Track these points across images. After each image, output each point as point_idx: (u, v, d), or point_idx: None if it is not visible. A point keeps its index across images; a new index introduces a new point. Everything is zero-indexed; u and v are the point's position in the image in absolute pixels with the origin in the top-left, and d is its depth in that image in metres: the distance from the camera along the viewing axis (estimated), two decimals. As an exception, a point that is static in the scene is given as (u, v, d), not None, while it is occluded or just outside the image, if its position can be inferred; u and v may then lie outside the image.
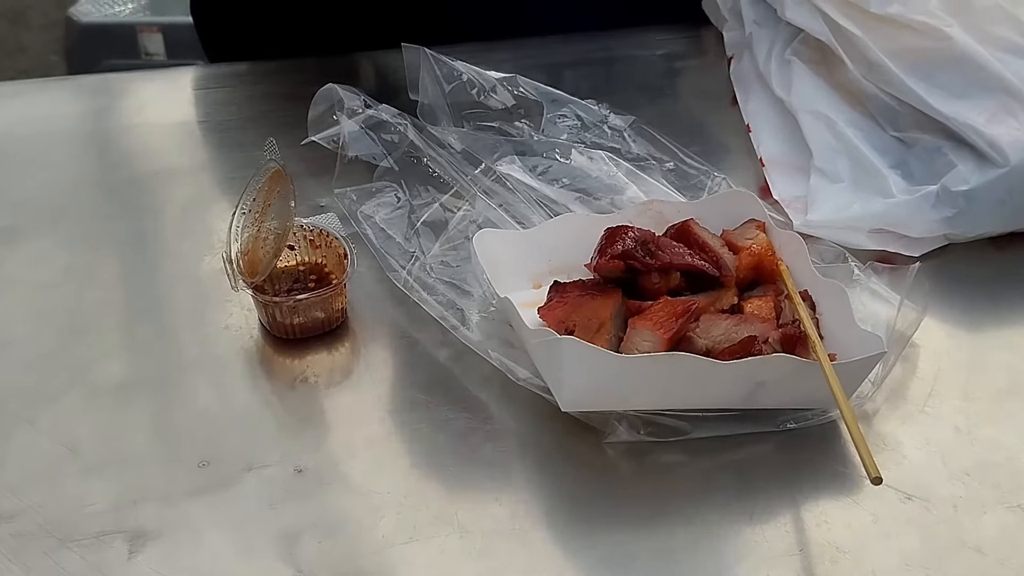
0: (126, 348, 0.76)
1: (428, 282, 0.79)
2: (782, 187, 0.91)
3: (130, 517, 0.64)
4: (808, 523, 0.64)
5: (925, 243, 0.85)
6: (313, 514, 0.64)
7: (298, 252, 0.81)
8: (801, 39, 0.99)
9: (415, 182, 0.88)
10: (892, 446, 0.69)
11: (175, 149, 0.99)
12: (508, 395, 0.72)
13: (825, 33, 0.94)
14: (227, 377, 0.74)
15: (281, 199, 0.77)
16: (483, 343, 0.74)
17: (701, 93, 1.11)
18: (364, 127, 0.90)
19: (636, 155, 0.93)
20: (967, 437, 0.70)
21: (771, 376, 0.67)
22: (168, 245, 0.87)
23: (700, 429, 0.69)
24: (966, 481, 0.67)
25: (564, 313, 0.73)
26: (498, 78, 0.96)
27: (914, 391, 0.73)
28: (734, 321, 0.71)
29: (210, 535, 0.63)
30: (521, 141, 0.93)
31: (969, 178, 0.83)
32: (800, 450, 0.69)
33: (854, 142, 0.90)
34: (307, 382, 0.74)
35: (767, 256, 0.77)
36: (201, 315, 0.79)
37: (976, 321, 0.81)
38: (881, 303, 0.77)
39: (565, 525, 0.65)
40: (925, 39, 0.90)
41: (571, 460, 0.68)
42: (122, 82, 1.15)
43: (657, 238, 0.76)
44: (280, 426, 0.71)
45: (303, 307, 0.76)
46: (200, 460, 0.68)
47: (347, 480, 0.67)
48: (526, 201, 0.87)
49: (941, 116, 0.87)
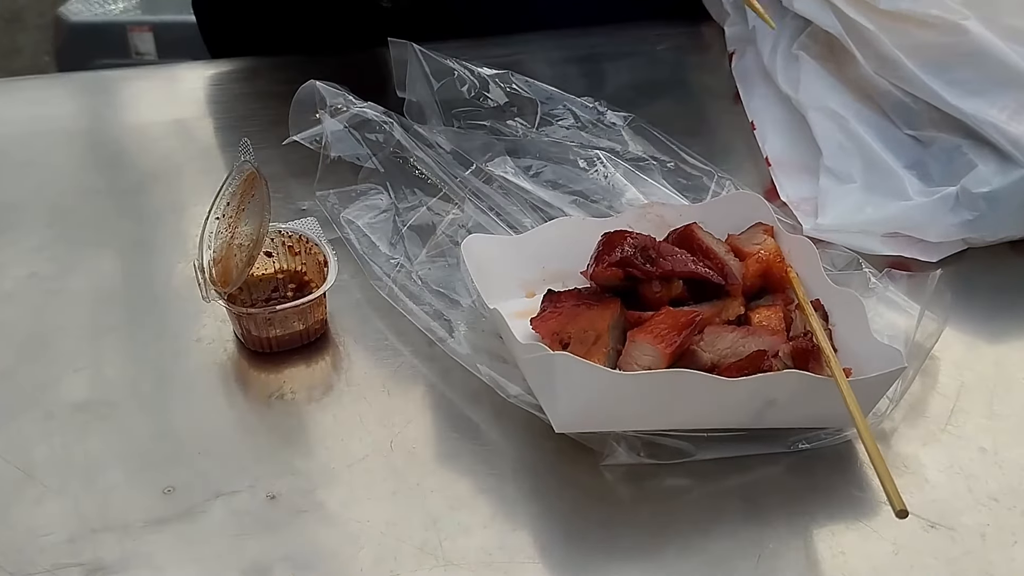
0: (89, 364, 0.72)
1: (414, 291, 0.75)
2: (790, 188, 0.88)
3: (87, 549, 0.60)
4: (823, 554, 0.60)
5: (943, 248, 0.81)
6: (285, 546, 0.60)
7: (276, 259, 0.77)
8: (809, 32, 0.95)
9: (401, 184, 0.83)
10: (913, 469, 0.65)
11: (153, 151, 0.95)
12: (498, 413, 0.68)
13: (835, 26, 0.90)
14: (197, 395, 0.70)
15: (256, 203, 0.72)
16: (472, 357, 0.69)
17: (702, 90, 1.07)
18: (348, 126, 0.86)
19: (635, 155, 0.90)
20: (994, 459, 0.66)
21: (782, 394, 0.62)
22: (139, 252, 0.83)
23: (705, 451, 0.65)
24: (994, 508, 0.63)
25: (558, 324, 0.69)
26: (490, 74, 0.92)
27: (935, 408, 0.69)
28: (741, 333, 0.67)
29: (172, 569, 0.59)
30: (514, 141, 0.89)
31: (991, 179, 0.80)
32: (813, 473, 0.65)
33: (867, 140, 0.86)
34: (284, 399, 0.70)
35: (776, 262, 0.73)
36: (171, 328, 0.75)
37: (999, 331, 0.76)
38: (898, 313, 0.73)
39: (560, 556, 0.61)
40: (940, 34, 0.86)
41: (566, 484, 0.64)
42: (107, 80, 1.10)
43: (658, 244, 0.71)
44: (253, 448, 0.67)
45: (280, 318, 0.72)
46: (165, 486, 0.63)
47: (323, 508, 0.62)
48: (519, 204, 0.83)
49: (959, 113, 0.83)
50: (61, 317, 0.76)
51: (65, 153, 0.95)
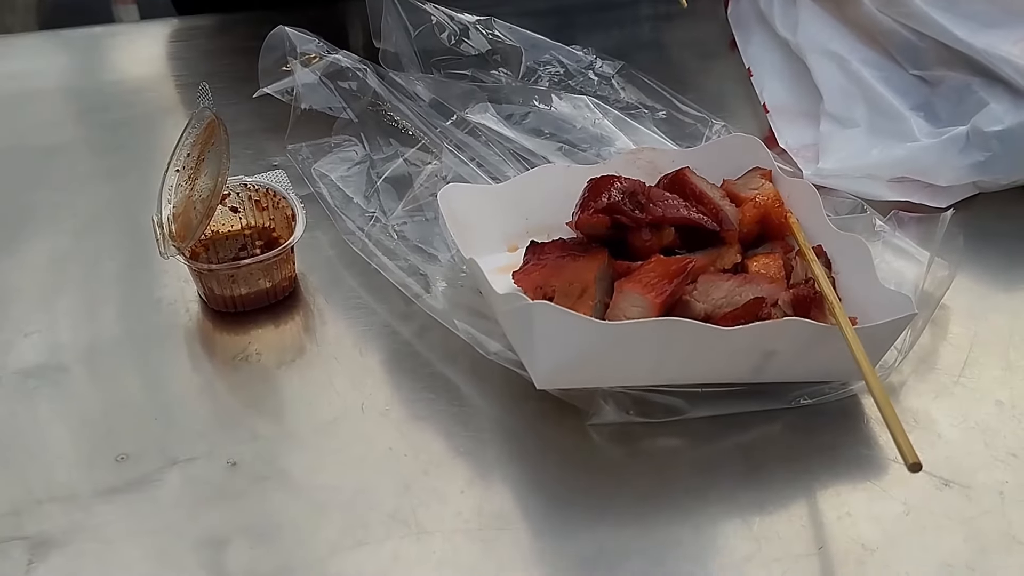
0: (42, 328, 0.68)
1: (389, 246, 0.71)
2: (789, 135, 0.84)
3: (31, 521, 0.56)
4: (828, 516, 0.56)
5: (953, 192, 0.77)
6: (245, 515, 0.56)
7: (243, 215, 0.73)
8: (809, -25, 0.90)
9: (376, 135, 0.79)
10: (924, 424, 0.61)
11: (118, 109, 0.90)
12: (478, 372, 0.64)
13: None
14: (156, 358, 0.66)
15: (215, 153, 0.68)
16: (448, 313, 0.65)
17: (696, 39, 1.03)
18: (321, 76, 0.81)
19: (626, 103, 0.85)
20: (1011, 412, 0.62)
21: (782, 344, 0.58)
22: (99, 212, 0.78)
23: (699, 408, 0.61)
24: (1013, 464, 0.59)
25: (542, 277, 0.65)
26: (471, 21, 0.87)
27: (947, 360, 0.65)
28: (738, 282, 0.63)
29: (122, 541, 0.55)
30: (496, 89, 0.84)
31: (1003, 117, 0.76)
32: (816, 430, 0.61)
33: (871, 83, 0.82)
34: (249, 361, 0.66)
35: (774, 208, 0.69)
36: (130, 289, 0.71)
37: (1014, 279, 0.72)
38: (906, 260, 0.69)
39: (542, 522, 0.57)
40: None
41: (550, 446, 0.61)
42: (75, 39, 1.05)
43: (648, 189, 0.67)
44: (214, 413, 0.62)
45: (244, 275, 0.67)
46: (118, 454, 0.59)
47: (287, 475, 0.58)
48: (501, 154, 0.79)
49: (970, 49, 0.79)
50: (14, 280, 0.72)
51: (30, 112, 0.91)
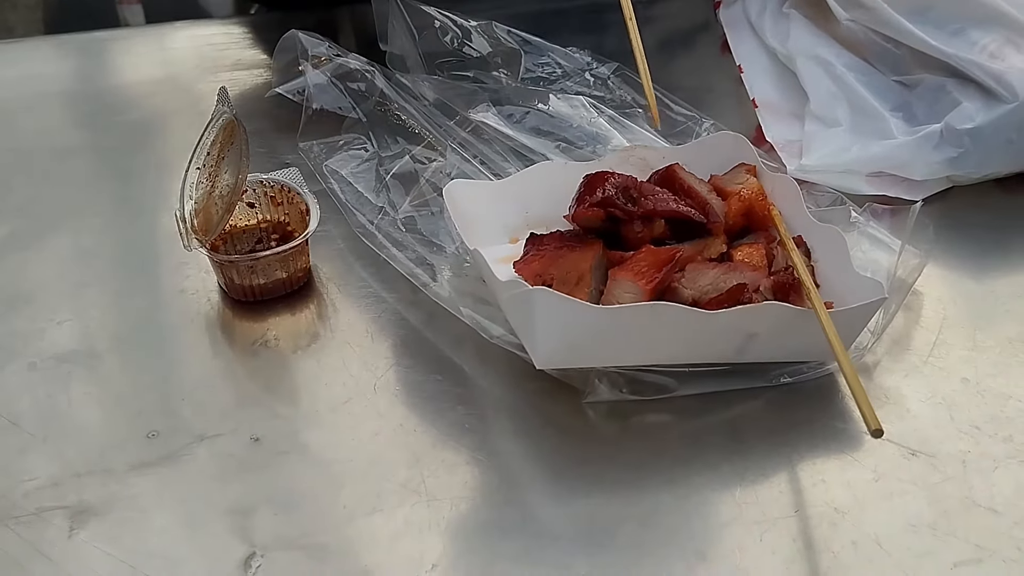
0: (74, 317, 0.71)
1: (398, 238, 0.75)
2: (776, 130, 0.87)
3: (72, 492, 0.59)
4: (804, 483, 0.60)
5: (927, 186, 0.81)
6: (269, 486, 0.60)
7: (259, 210, 0.77)
8: (798, -5, 0.94)
9: (384, 134, 0.83)
10: (895, 400, 0.64)
11: (135, 110, 0.94)
12: (482, 355, 0.68)
13: None
14: (181, 344, 0.70)
15: (235, 152, 0.72)
16: (454, 300, 0.69)
17: (689, 40, 1.06)
18: (331, 77, 0.85)
19: (620, 102, 0.89)
20: (975, 389, 0.65)
21: (763, 327, 0.62)
22: (122, 208, 0.82)
23: (687, 386, 0.64)
24: (976, 435, 0.62)
25: (541, 266, 0.69)
26: (473, 25, 0.91)
27: (918, 341, 0.69)
28: (722, 270, 0.66)
29: (157, 510, 0.59)
30: (497, 90, 0.88)
31: (975, 115, 0.79)
32: (795, 406, 0.65)
33: (854, 86, 0.86)
34: (268, 346, 0.69)
35: (758, 201, 0.72)
36: (154, 280, 0.75)
37: (982, 267, 0.76)
38: (882, 250, 0.73)
39: (543, 491, 0.60)
40: None
41: (549, 422, 0.64)
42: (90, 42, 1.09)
43: (640, 184, 0.71)
44: (237, 393, 0.66)
45: (262, 266, 0.71)
46: (149, 431, 0.63)
47: (307, 449, 0.62)
48: (503, 152, 0.82)
49: (942, 54, 0.82)
50: (45, 272, 0.75)
51: (50, 113, 0.94)
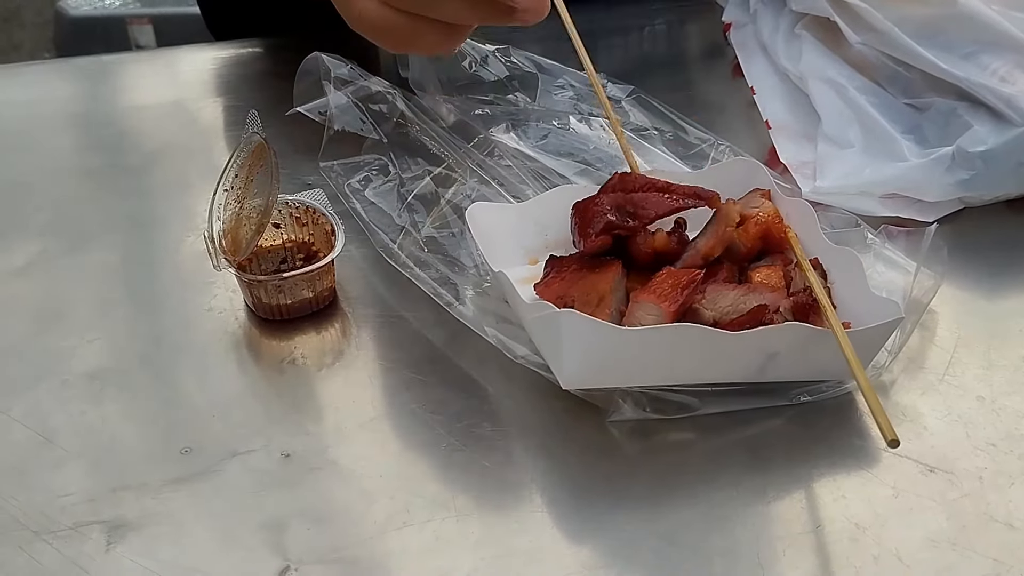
0: (103, 335, 0.73)
1: (421, 258, 0.76)
2: (789, 151, 0.88)
3: (108, 507, 0.61)
4: (824, 499, 0.61)
5: (940, 207, 0.82)
6: (301, 501, 0.61)
7: (284, 230, 0.78)
8: (811, 18, 0.95)
9: (404, 155, 0.84)
10: (912, 417, 0.66)
11: (156, 131, 0.96)
12: (506, 374, 0.69)
13: (827, 11, 0.91)
14: (211, 361, 0.71)
15: (264, 174, 0.73)
16: (478, 319, 0.70)
17: (700, 65, 1.08)
18: (352, 98, 0.87)
19: (636, 125, 0.90)
20: (991, 407, 0.67)
21: (783, 346, 0.63)
22: (147, 228, 0.83)
23: (709, 405, 0.65)
24: (992, 452, 0.63)
25: (561, 288, 0.70)
26: (490, 49, 0.93)
27: (933, 360, 0.70)
28: (742, 291, 0.68)
29: (192, 524, 0.60)
30: (515, 112, 0.90)
31: (986, 139, 0.80)
32: (815, 424, 0.66)
33: (866, 108, 0.87)
34: (295, 364, 0.71)
35: (775, 224, 0.73)
36: (182, 299, 0.76)
37: (995, 287, 0.77)
38: (896, 271, 0.74)
39: (568, 508, 0.61)
40: (929, 6, 0.86)
41: (574, 440, 0.65)
42: (108, 65, 1.11)
43: (632, 198, 0.71)
44: (266, 410, 0.68)
45: (289, 286, 0.73)
46: (182, 447, 0.64)
47: (337, 465, 0.63)
48: (522, 174, 0.84)
49: (953, 78, 0.84)
50: (74, 290, 0.77)
51: (68, 135, 0.95)
